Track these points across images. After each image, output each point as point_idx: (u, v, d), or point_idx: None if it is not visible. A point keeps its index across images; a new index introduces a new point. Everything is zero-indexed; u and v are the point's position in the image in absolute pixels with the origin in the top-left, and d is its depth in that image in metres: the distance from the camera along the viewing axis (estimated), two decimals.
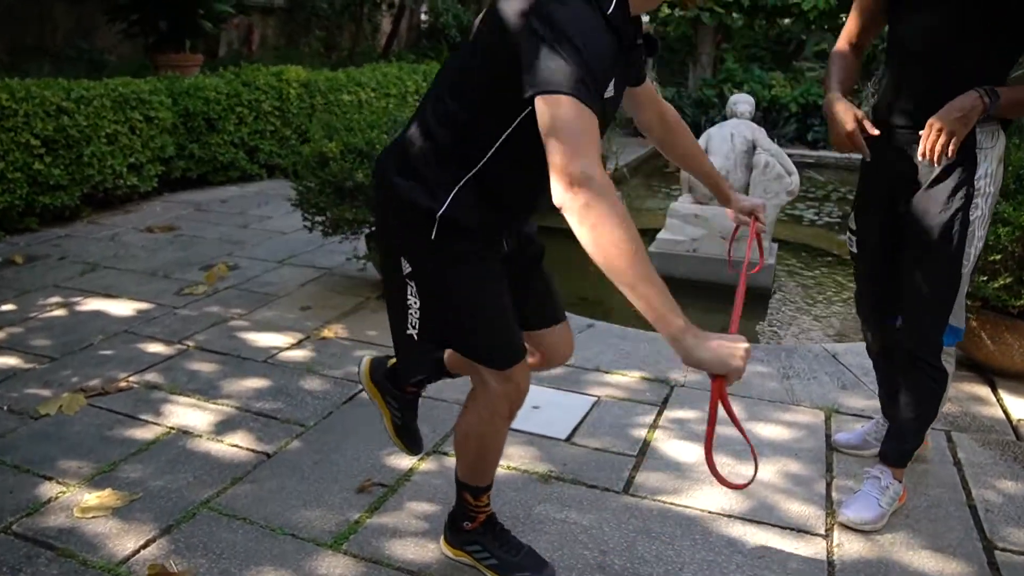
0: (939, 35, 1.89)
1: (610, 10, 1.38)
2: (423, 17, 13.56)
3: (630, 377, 3.14)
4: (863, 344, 3.64)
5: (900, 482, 2.25)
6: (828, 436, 2.72)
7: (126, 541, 2.06)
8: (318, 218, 3.79)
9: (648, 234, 4.90)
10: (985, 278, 3.04)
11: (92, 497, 2.23)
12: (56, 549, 2.02)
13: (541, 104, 1.30)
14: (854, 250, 2.31)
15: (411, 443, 2.14)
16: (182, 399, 2.87)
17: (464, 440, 1.86)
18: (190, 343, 3.37)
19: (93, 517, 2.15)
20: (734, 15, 12.17)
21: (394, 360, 2.05)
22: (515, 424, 1.92)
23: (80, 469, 2.39)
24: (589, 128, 1.27)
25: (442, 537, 2.05)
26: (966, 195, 1.92)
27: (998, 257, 3.01)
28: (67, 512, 2.17)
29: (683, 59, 14.67)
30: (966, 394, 3.10)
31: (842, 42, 2.22)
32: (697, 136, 5.10)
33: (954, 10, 1.86)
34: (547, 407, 2.86)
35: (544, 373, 2.60)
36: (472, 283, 1.68)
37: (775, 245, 4.81)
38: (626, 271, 1.25)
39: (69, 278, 4.18)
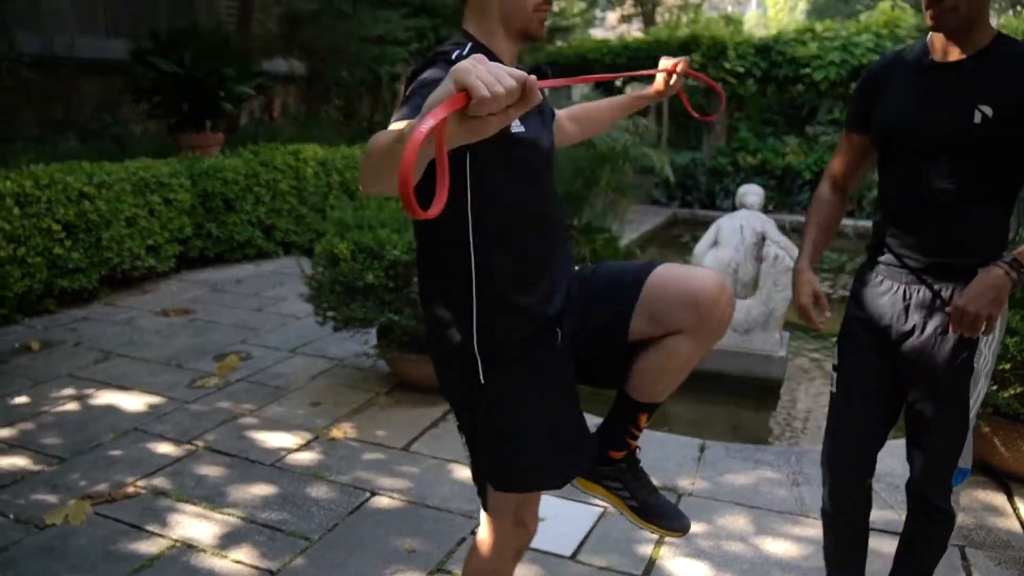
0: (938, 182, 1.86)
1: (454, 56, 1.49)
2: None
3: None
4: None
5: None
6: None
7: None
8: (330, 313, 3.83)
9: None
10: (995, 387, 3.02)
11: None
12: None
13: None
14: (834, 390, 2.13)
15: (663, 521, 1.85)
16: (188, 507, 2.87)
17: None
18: (199, 443, 3.38)
19: None
20: (748, 83, 12.36)
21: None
22: None
23: None
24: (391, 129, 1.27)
25: None
26: (971, 343, 1.88)
27: (1007, 366, 2.99)
28: None
29: (697, 127, 14.85)
30: (981, 503, 3.05)
31: (825, 186, 2.15)
32: (706, 227, 5.16)
33: (953, 159, 1.84)
34: (553, 519, 2.83)
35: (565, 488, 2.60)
36: (513, 400, 1.65)
37: (787, 334, 4.80)
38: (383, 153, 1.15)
39: (83, 367, 4.23)
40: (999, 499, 3.07)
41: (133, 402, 3.80)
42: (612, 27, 18.82)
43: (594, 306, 1.71)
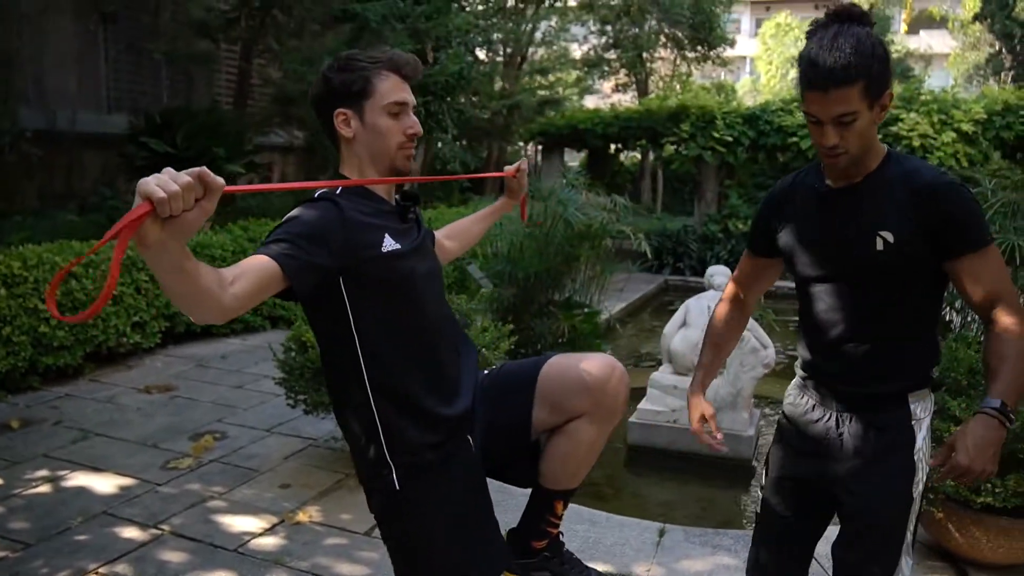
0: (853, 311, 1.81)
1: (317, 195, 1.69)
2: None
3: None
4: (832, 527, 3.63)
5: None
6: None
7: None
8: (300, 396, 3.91)
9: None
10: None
11: None
12: None
13: None
14: (759, 511, 2.06)
15: None
16: None
17: None
18: (166, 527, 3.43)
19: None
20: (738, 151, 12.63)
21: (510, 529, 2.01)
22: None
23: None
24: (247, 264, 1.46)
25: None
26: (906, 471, 1.80)
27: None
28: None
29: (689, 193, 15.11)
30: None
31: (723, 307, 2.13)
32: (697, 293, 5.26)
33: (863, 287, 1.79)
34: None
35: None
36: (429, 508, 1.74)
37: (757, 412, 4.85)
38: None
39: (60, 447, 4.30)
40: None
41: (105, 484, 3.86)
42: (607, 95, 19.26)
43: (498, 407, 1.84)
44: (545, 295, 6.41)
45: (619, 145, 14.60)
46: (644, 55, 17.02)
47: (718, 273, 4.85)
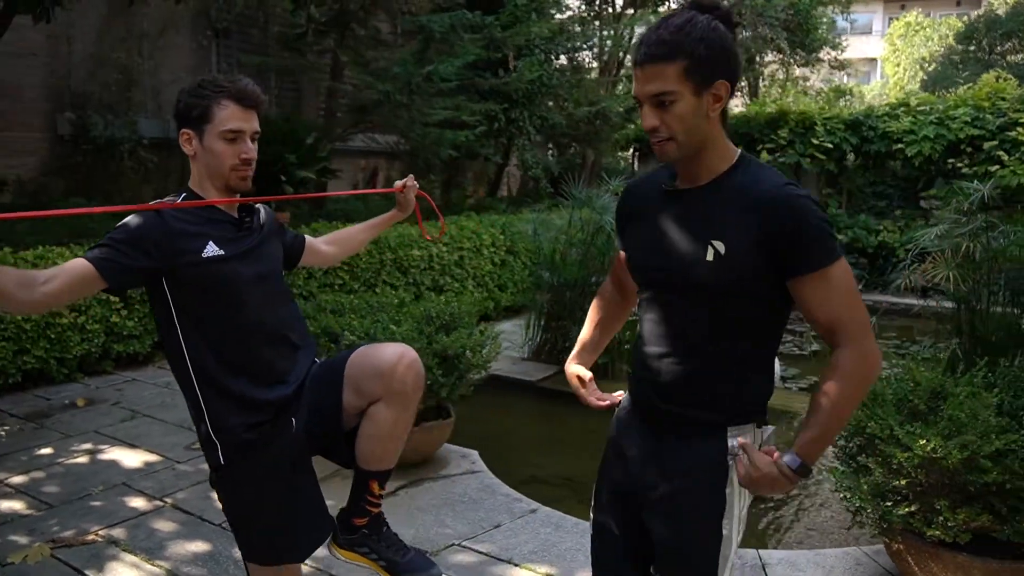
0: (680, 323, 1.74)
1: (167, 199, 1.96)
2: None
3: (536, 573, 3.25)
4: (802, 552, 3.57)
5: None
6: None
7: None
8: None
9: None
10: (889, 504, 2.99)
11: None
12: None
13: None
14: (592, 533, 1.95)
15: (412, 574, 2.10)
16: (128, 557, 3.29)
17: None
18: (168, 500, 3.82)
19: None
20: (847, 159, 12.14)
21: (340, 508, 2.20)
22: None
23: None
24: (66, 266, 1.77)
25: None
26: (715, 508, 1.73)
27: (903, 482, 2.95)
28: None
29: None
30: None
31: (608, 284, 2.10)
32: None
33: (693, 299, 1.71)
34: None
35: (452, 563, 2.99)
36: (253, 482, 1.97)
37: (769, 428, 4.77)
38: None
39: (110, 425, 4.82)
40: None
41: (133, 459, 4.31)
42: None
43: (318, 392, 2.04)
44: (588, 301, 6.50)
45: None
46: (756, 59, 16.60)
47: None
